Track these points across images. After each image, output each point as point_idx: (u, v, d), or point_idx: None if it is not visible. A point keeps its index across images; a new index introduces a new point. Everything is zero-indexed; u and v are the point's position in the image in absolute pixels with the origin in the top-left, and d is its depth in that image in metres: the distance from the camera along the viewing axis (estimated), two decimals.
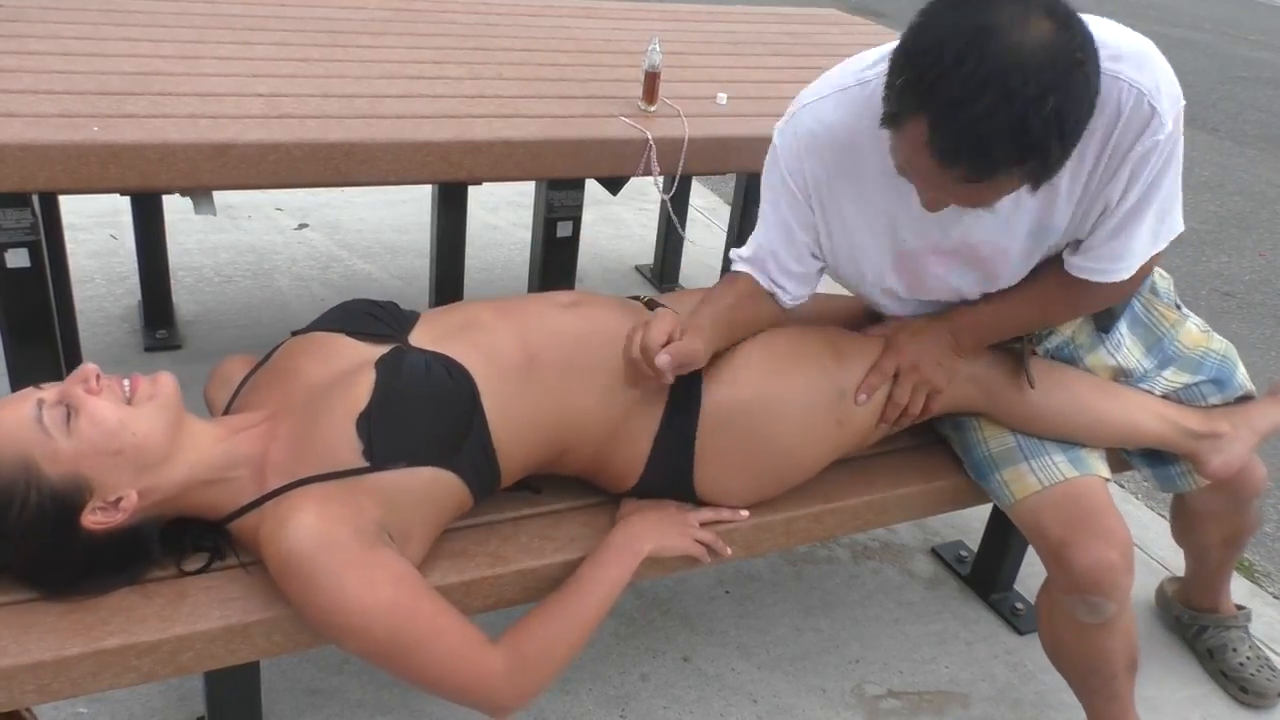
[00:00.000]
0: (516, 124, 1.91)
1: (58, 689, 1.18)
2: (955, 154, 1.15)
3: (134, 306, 2.82)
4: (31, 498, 1.15)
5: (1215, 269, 4.35)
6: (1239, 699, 1.98)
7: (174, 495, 1.24)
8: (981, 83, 1.09)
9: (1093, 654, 1.62)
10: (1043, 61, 1.09)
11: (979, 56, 1.09)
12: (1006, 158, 1.14)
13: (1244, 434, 1.67)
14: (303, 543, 1.17)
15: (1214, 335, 1.74)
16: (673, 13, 3.06)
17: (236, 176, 1.69)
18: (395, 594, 1.19)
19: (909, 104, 1.16)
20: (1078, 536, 1.52)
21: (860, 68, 1.41)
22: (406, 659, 1.21)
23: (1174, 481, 1.75)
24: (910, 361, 1.55)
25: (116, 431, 1.18)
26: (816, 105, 1.44)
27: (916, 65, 1.14)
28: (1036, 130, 1.11)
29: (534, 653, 1.29)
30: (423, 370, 1.33)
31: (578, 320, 1.48)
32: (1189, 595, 2.10)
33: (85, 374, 1.20)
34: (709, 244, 3.72)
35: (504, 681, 1.25)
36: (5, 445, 1.15)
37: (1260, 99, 7.50)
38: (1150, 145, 1.28)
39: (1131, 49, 1.26)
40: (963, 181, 1.18)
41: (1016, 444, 1.63)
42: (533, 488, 1.53)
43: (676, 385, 1.46)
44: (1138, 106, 1.26)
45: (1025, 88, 1.08)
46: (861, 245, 1.50)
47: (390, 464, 1.26)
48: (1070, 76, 1.11)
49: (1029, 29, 1.09)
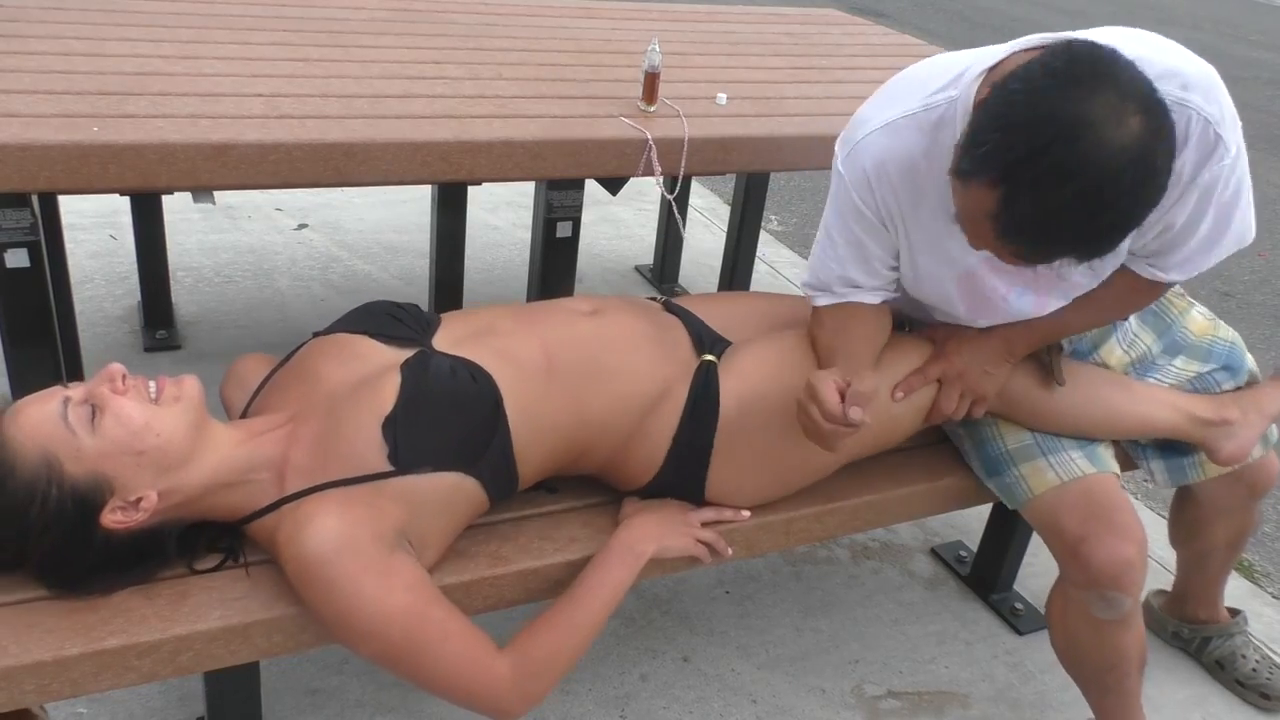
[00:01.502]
0: (516, 124, 1.91)
1: (58, 689, 1.18)
2: (1018, 235, 1.16)
3: (134, 307, 2.82)
4: (53, 494, 1.15)
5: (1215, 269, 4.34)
6: (1259, 705, 1.97)
7: (194, 497, 1.25)
8: (1065, 176, 1.09)
9: (1109, 651, 1.62)
10: (1124, 166, 1.09)
11: (1069, 150, 1.08)
12: (1065, 250, 1.16)
13: (1253, 418, 1.68)
14: (324, 547, 1.18)
15: (1220, 323, 1.76)
16: (673, 13, 3.06)
17: (236, 177, 1.69)
18: (408, 600, 1.21)
19: (986, 171, 1.14)
20: (1096, 532, 1.53)
21: (928, 90, 1.36)
22: (416, 663, 1.22)
23: (1185, 472, 1.76)
24: (958, 370, 1.56)
25: (141, 432, 1.18)
26: (881, 135, 1.39)
27: (1005, 137, 1.13)
28: (1102, 229, 1.13)
29: (540, 658, 1.29)
30: (448, 374, 1.33)
31: (598, 326, 1.49)
32: (1185, 608, 2.07)
33: (111, 373, 1.20)
34: (709, 244, 3.72)
35: (510, 687, 1.26)
36: (29, 441, 1.15)
37: (1260, 99, 7.51)
38: (1217, 171, 1.30)
39: (1198, 78, 1.28)
40: (1015, 257, 1.20)
41: (1033, 440, 1.64)
42: (549, 488, 1.53)
43: (695, 384, 1.47)
44: (1204, 135, 1.28)
45: (1102, 192, 1.09)
46: (924, 267, 1.49)
47: (415, 468, 1.27)
48: (1147, 183, 1.12)
49: (1124, 125, 1.09)
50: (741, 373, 1.51)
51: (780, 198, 4.55)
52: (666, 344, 1.54)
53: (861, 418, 1.31)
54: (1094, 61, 1.13)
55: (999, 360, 1.57)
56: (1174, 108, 1.22)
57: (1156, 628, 2.12)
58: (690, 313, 1.65)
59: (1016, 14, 9.58)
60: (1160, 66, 1.25)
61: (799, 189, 4.73)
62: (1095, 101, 1.09)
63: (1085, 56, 1.14)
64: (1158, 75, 1.24)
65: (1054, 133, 1.09)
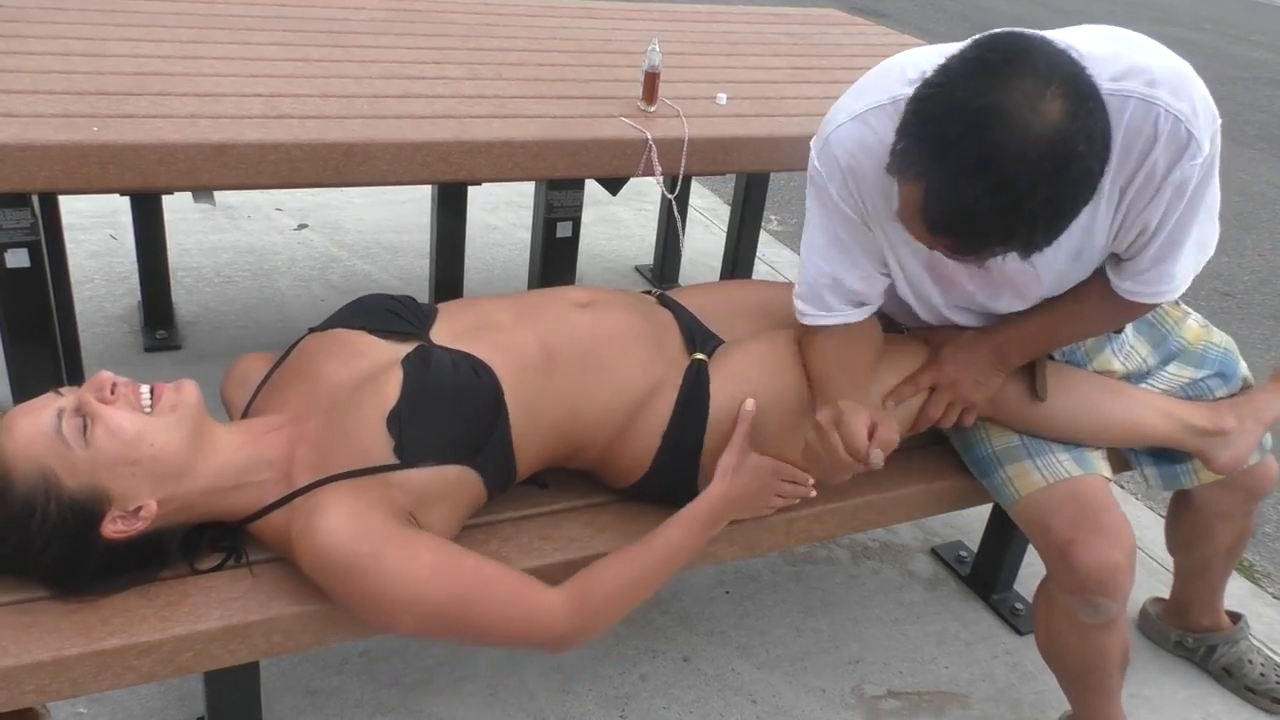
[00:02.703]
0: (516, 124, 1.91)
1: (57, 689, 1.18)
2: (944, 227, 1.17)
3: (134, 307, 2.81)
4: (52, 508, 1.15)
5: (1215, 269, 4.34)
6: (1271, 710, 1.97)
7: (196, 501, 1.25)
8: (979, 166, 1.10)
9: (1092, 652, 1.62)
10: (1042, 152, 1.08)
11: (980, 138, 1.09)
12: (992, 239, 1.16)
13: (1250, 426, 1.66)
14: (340, 534, 1.18)
15: (1213, 329, 1.75)
16: (673, 13, 3.06)
17: (236, 177, 1.69)
18: (436, 558, 1.22)
19: (906, 167, 1.16)
20: (1083, 536, 1.52)
21: (900, 82, 1.35)
22: (465, 615, 1.23)
23: (1178, 478, 1.74)
24: (950, 378, 1.55)
25: (133, 443, 1.18)
26: (851, 126, 1.39)
27: (921, 132, 1.14)
28: (1024, 218, 1.12)
29: (601, 596, 1.30)
30: (450, 368, 1.34)
31: (593, 320, 1.49)
32: (1187, 617, 2.06)
33: (100, 383, 1.19)
34: (708, 244, 3.72)
35: (564, 616, 1.27)
36: (24, 456, 1.15)
37: (1260, 99, 7.50)
38: (1189, 170, 1.28)
39: (1167, 74, 1.26)
40: (949, 250, 1.21)
41: (1020, 442, 1.63)
42: (540, 483, 1.53)
43: (685, 384, 1.47)
44: (1174, 132, 1.25)
45: (1019, 179, 1.09)
46: (907, 263, 1.48)
47: (420, 462, 1.27)
48: (1066, 169, 1.10)
49: (1038, 112, 1.08)
50: (732, 374, 1.51)
51: (780, 198, 4.55)
52: (658, 341, 1.54)
53: (879, 463, 1.29)
54: (1011, 49, 1.13)
55: (991, 370, 1.56)
56: (1141, 104, 1.23)
57: (1158, 638, 2.11)
58: (683, 307, 1.65)
59: (1017, 14, 9.58)
60: (1128, 62, 1.25)
61: (799, 189, 4.73)
62: (1009, 89, 1.09)
63: (1003, 45, 1.14)
64: (1124, 71, 1.24)
65: (966, 124, 1.10)
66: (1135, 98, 1.24)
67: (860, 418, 1.32)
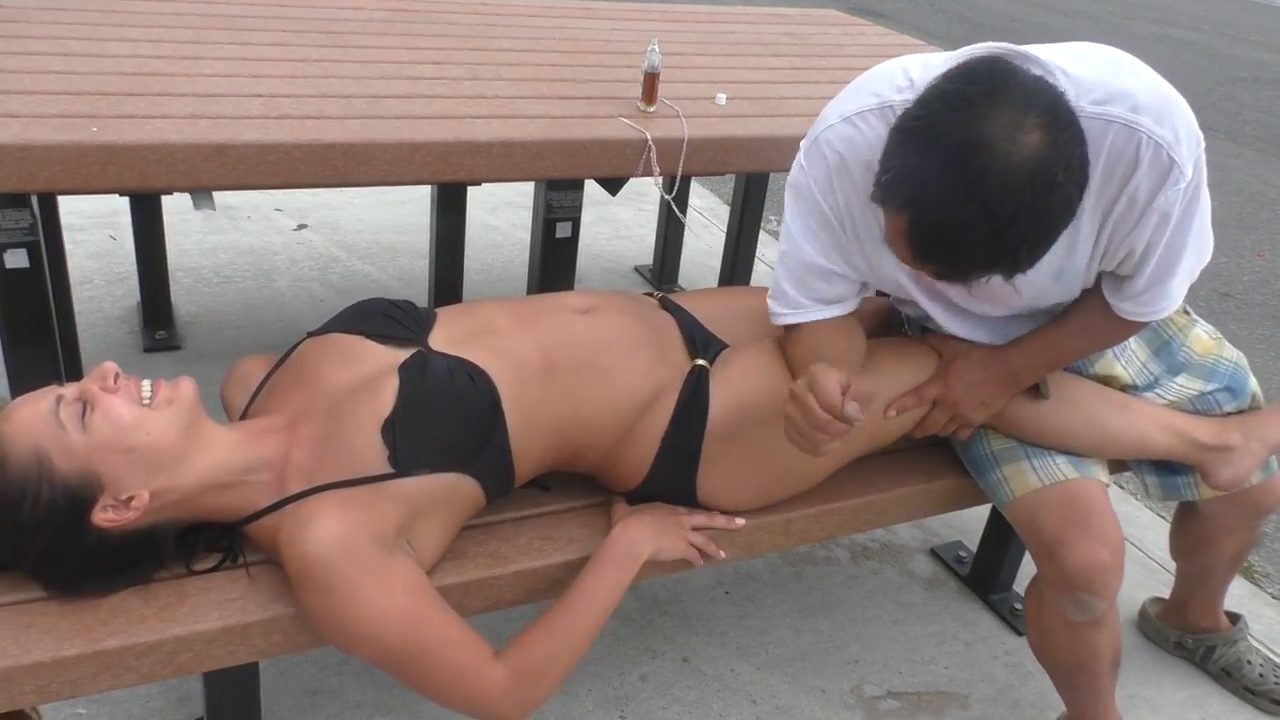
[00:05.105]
0: (516, 124, 1.91)
1: (57, 689, 1.18)
2: (930, 255, 1.19)
3: (133, 307, 2.82)
4: (44, 491, 1.16)
5: (1214, 269, 4.33)
6: (1270, 711, 1.97)
7: (190, 497, 1.24)
8: (962, 198, 1.12)
9: (1081, 651, 1.63)
10: (1022, 182, 1.11)
11: (962, 170, 1.11)
12: (977, 265, 1.19)
13: (1255, 446, 1.65)
14: (324, 548, 1.18)
15: (1225, 343, 1.74)
16: (673, 13, 3.06)
17: (235, 177, 1.69)
18: (407, 604, 1.21)
19: (891, 198, 1.18)
20: (1072, 535, 1.53)
21: (890, 87, 1.36)
22: (413, 667, 1.23)
23: (1179, 490, 1.74)
24: (954, 396, 1.56)
25: (130, 429, 1.18)
26: (841, 127, 1.39)
27: (905, 164, 1.16)
28: (1008, 246, 1.15)
29: (536, 663, 1.29)
30: (446, 375, 1.33)
31: (593, 326, 1.49)
32: (1186, 619, 2.06)
33: (105, 372, 1.21)
34: (709, 244, 3.72)
35: (506, 695, 1.26)
36: (20, 438, 1.16)
37: (1260, 99, 7.51)
38: (1173, 196, 1.29)
39: (1152, 99, 1.26)
40: (936, 276, 1.24)
41: (1018, 442, 1.63)
42: (542, 485, 1.53)
43: (685, 389, 1.47)
44: (1156, 159, 1.26)
45: (1003, 208, 1.11)
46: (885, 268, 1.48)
47: (415, 470, 1.27)
48: (1047, 198, 1.13)
49: (1017, 143, 1.11)
50: (731, 380, 1.51)
51: (780, 198, 4.53)
52: (659, 346, 1.53)
53: (857, 415, 1.28)
54: (989, 79, 1.15)
55: (1001, 390, 1.57)
56: (1124, 130, 1.25)
57: (1157, 638, 2.12)
58: (685, 311, 1.65)
59: (1016, 14, 9.58)
60: (1113, 88, 1.26)
61: None
62: (988, 121, 1.11)
63: (982, 76, 1.16)
64: (1109, 96, 1.25)
65: (948, 156, 1.12)
66: (1118, 123, 1.25)
67: (831, 376, 1.30)
